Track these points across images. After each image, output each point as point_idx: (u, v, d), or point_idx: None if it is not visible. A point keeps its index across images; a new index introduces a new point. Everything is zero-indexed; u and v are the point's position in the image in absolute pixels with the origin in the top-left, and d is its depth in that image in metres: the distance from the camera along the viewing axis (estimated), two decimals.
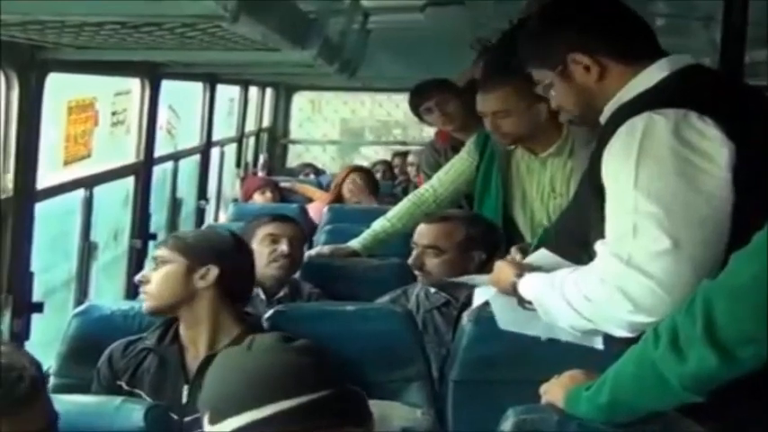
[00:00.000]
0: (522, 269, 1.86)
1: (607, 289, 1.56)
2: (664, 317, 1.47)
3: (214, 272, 2.22)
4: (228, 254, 2.28)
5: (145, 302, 2.25)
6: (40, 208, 2.72)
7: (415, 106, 3.92)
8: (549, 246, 1.97)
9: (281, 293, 2.94)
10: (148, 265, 2.33)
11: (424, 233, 2.83)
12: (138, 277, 2.29)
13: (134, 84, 3.88)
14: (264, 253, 2.92)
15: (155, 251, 2.32)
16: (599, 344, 1.84)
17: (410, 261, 2.84)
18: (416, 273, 2.83)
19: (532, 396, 1.73)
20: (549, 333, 1.87)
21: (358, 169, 5.24)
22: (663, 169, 1.55)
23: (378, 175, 6.96)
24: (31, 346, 2.62)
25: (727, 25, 2.55)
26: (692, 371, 1.38)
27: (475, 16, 4.06)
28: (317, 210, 4.84)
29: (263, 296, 2.90)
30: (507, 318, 1.94)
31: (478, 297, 2.05)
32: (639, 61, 1.74)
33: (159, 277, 2.23)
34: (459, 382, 2.31)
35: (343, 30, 3.47)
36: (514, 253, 2.13)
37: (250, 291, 2.42)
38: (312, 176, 6.68)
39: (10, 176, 2.52)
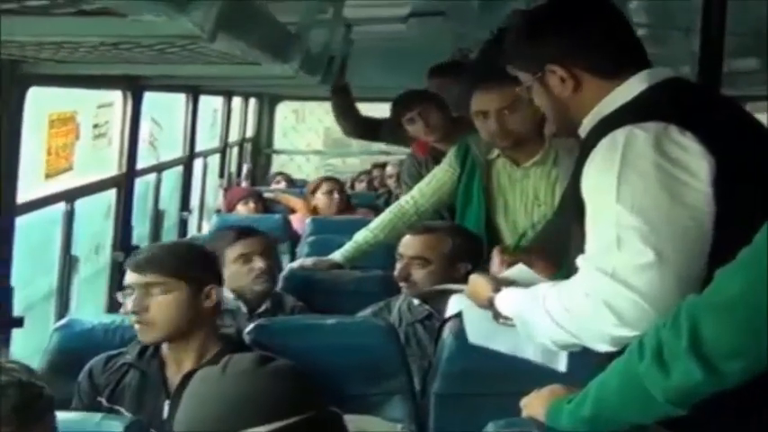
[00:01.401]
0: (499, 284, 1.86)
1: (591, 303, 1.56)
2: (647, 330, 1.48)
3: (217, 290, 2.19)
4: (215, 268, 2.28)
5: (145, 334, 2.15)
6: (21, 219, 2.71)
7: (398, 116, 3.93)
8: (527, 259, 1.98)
9: (264, 307, 2.92)
10: (141, 292, 2.13)
11: (409, 244, 2.83)
12: (132, 308, 2.13)
13: (116, 96, 3.87)
14: (243, 272, 2.88)
15: (136, 277, 2.15)
16: (562, 366, 1.85)
17: (396, 272, 2.83)
18: (402, 284, 2.82)
19: (514, 409, 1.73)
20: (515, 350, 1.88)
21: (327, 180, 5.22)
22: (645, 183, 1.56)
23: (362, 185, 6.97)
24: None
25: (705, 35, 2.56)
26: (676, 384, 1.39)
27: (456, 27, 4.08)
28: (300, 220, 4.84)
29: (244, 310, 2.89)
30: (477, 331, 1.94)
31: (452, 306, 2.05)
32: (620, 75, 1.74)
33: (163, 306, 2.12)
34: (441, 395, 2.31)
35: (326, 41, 3.47)
36: (496, 254, 2.13)
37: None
38: (283, 184, 6.65)
39: None
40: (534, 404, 1.69)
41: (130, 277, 2.18)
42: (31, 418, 1.44)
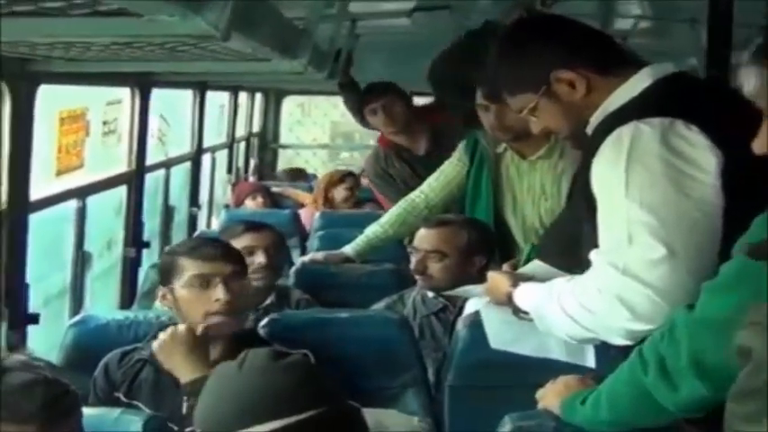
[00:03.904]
0: (517, 279, 1.87)
1: (605, 298, 1.58)
2: (662, 324, 1.48)
3: None
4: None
5: (230, 322, 2.17)
6: (34, 216, 2.73)
7: (362, 105, 3.95)
8: (543, 254, 1.99)
9: (268, 301, 2.89)
10: (220, 282, 2.14)
11: (425, 238, 2.83)
12: (225, 297, 2.14)
13: (124, 93, 3.89)
14: None
15: (212, 266, 2.17)
16: (591, 362, 1.86)
17: (412, 266, 2.83)
18: (418, 278, 2.82)
19: (529, 400, 1.74)
20: (540, 351, 1.89)
21: (350, 175, 5.20)
22: (653, 178, 1.57)
23: (366, 180, 6.95)
24: None
25: (711, 27, 2.56)
26: (686, 398, 1.40)
27: (462, 21, 4.08)
28: (309, 215, 4.85)
29: None
30: (498, 335, 1.95)
31: (470, 309, 2.06)
32: (621, 71, 1.75)
33: (241, 291, 2.19)
34: (456, 387, 2.32)
35: (332, 36, 3.47)
36: (506, 269, 2.15)
37: None
38: (301, 182, 6.63)
39: (3, 188, 2.52)
40: (549, 397, 1.70)
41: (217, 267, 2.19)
42: (58, 416, 1.45)
